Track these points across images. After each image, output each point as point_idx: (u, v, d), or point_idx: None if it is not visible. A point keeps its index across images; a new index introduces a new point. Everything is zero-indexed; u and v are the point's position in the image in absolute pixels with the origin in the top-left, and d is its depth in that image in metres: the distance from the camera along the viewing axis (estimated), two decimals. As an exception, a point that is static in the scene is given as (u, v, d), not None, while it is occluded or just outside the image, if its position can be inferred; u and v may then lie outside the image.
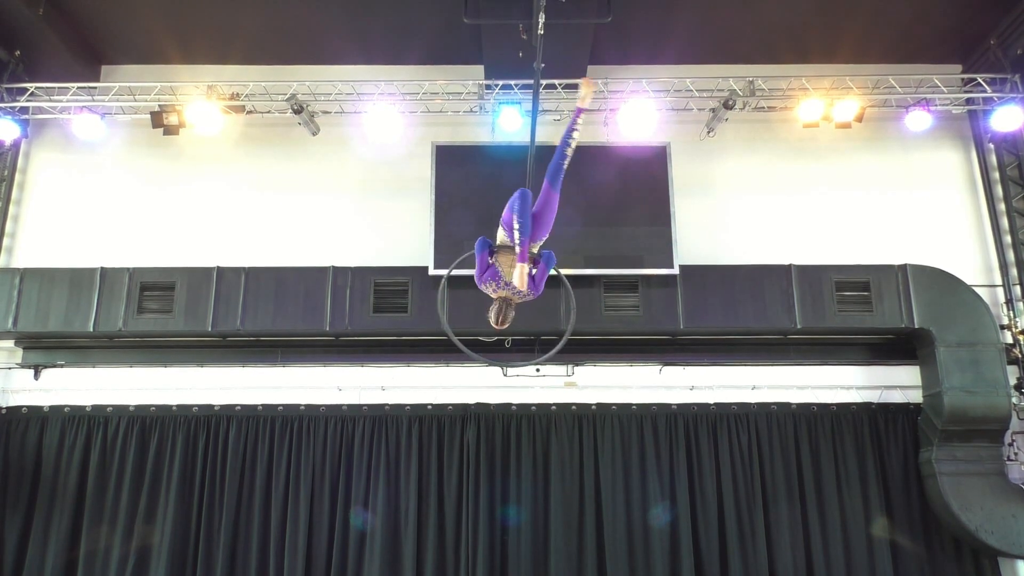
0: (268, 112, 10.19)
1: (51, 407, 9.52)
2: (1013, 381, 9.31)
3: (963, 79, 10.35)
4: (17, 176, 10.35)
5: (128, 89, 10.09)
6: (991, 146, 10.44)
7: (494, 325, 5.81)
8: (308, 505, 9.10)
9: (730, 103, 9.87)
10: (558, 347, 5.84)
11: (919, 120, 9.94)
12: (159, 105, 9.94)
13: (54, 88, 10.04)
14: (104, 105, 10.05)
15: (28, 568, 8.92)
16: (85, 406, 9.51)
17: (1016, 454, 9.28)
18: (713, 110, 10.11)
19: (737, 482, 9.23)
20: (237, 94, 10.03)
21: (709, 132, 10.29)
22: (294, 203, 10.25)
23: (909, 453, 9.39)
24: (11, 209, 10.22)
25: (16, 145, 10.34)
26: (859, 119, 9.97)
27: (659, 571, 8.86)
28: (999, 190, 10.32)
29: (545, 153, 6.34)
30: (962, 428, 8.98)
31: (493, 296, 5.83)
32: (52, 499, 9.14)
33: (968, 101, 10.21)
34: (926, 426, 9.27)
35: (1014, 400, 9.15)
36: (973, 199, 10.37)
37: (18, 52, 9.95)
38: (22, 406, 9.55)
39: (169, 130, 9.95)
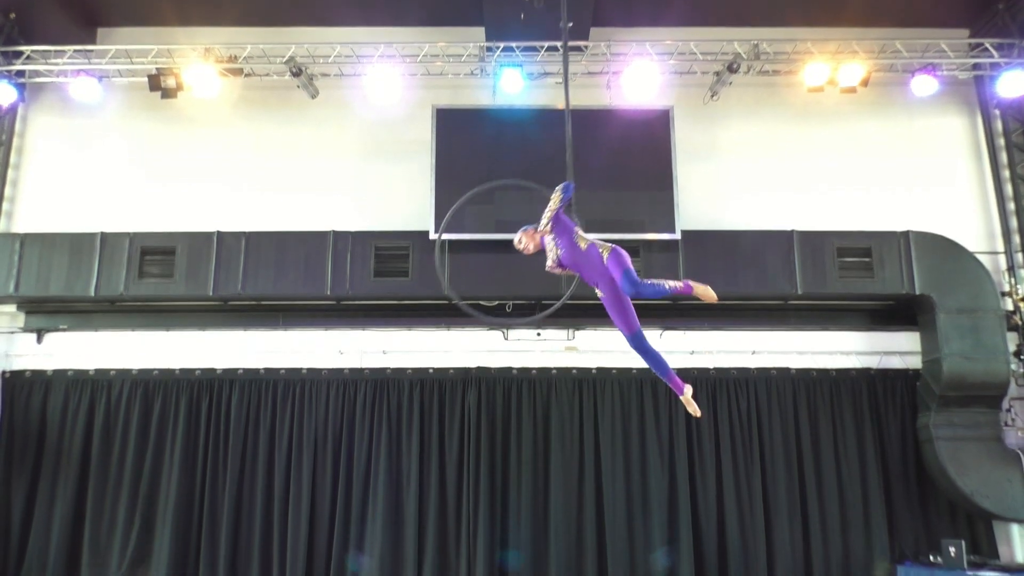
0: (266, 75, 10.09)
1: (54, 371, 9.58)
2: (1013, 348, 9.34)
3: (970, 44, 10.22)
4: (15, 140, 10.29)
5: (125, 52, 9.98)
6: (997, 112, 10.33)
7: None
8: (311, 467, 9.21)
9: (734, 66, 9.77)
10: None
11: (925, 85, 9.84)
12: (156, 68, 9.82)
13: (50, 51, 9.93)
14: (101, 68, 9.94)
15: (35, 530, 9.05)
16: (88, 370, 9.57)
17: (1013, 420, 9.35)
18: (717, 73, 10.01)
19: (735, 445, 9.31)
20: (235, 56, 9.92)
21: (713, 96, 10.19)
22: (293, 166, 10.19)
23: (907, 418, 9.46)
24: (10, 174, 10.17)
25: (13, 109, 10.25)
26: (864, 84, 9.87)
27: (657, 533, 8.99)
28: (1004, 156, 10.24)
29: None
30: (960, 394, 9.03)
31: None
32: (57, 462, 9.23)
33: (975, 66, 10.10)
34: (924, 392, 9.32)
35: (1013, 367, 9.19)
36: (977, 165, 10.30)
37: (12, 15, 9.83)
38: (25, 370, 9.60)
39: (167, 93, 9.84)
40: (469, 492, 9.10)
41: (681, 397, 5.71)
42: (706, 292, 5.25)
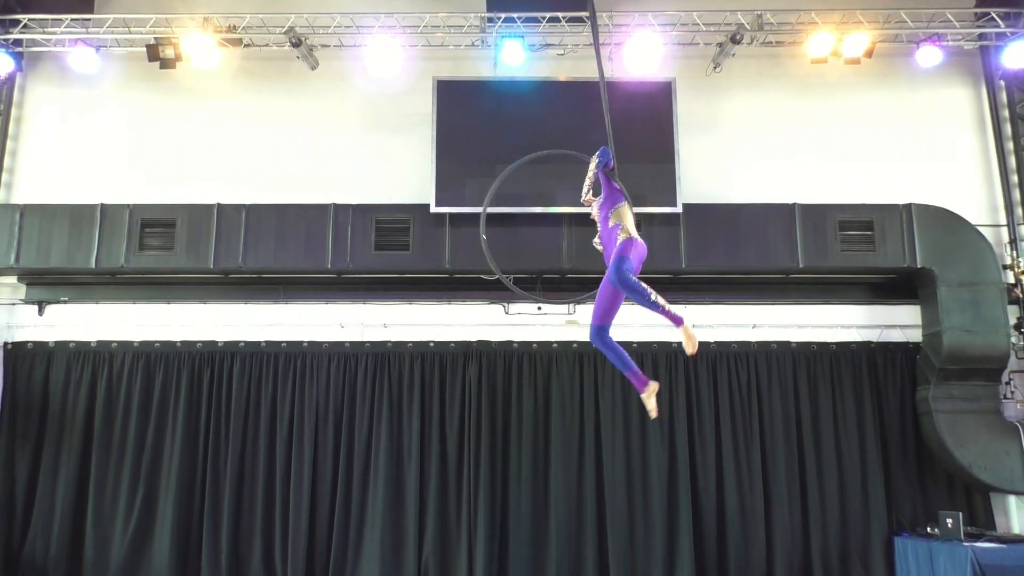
0: (266, 45, 10.00)
1: (56, 343, 9.61)
2: (1013, 321, 9.34)
3: (976, 14, 10.10)
4: (13, 111, 10.23)
5: (123, 21, 9.88)
6: (1002, 83, 10.25)
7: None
8: (312, 439, 9.26)
9: (738, 38, 9.67)
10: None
11: (930, 56, 9.75)
12: (155, 38, 9.74)
13: (47, 20, 9.84)
14: (99, 38, 9.85)
15: (39, 501, 9.12)
16: (90, 342, 9.60)
17: (1013, 393, 9.38)
18: (720, 45, 9.91)
19: (735, 419, 9.35)
20: (234, 26, 9.82)
21: (716, 68, 10.11)
22: (294, 138, 10.14)
23: (906, 391, 9.49)
24: (8, 144, 10.12)
25: (11, 79, 10.18)
26: (868, 54, 9.78)
27: (657, 506, 9.06)
28: (1008, 128, 10.18)
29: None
30: (960, 367, 9.05)
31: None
32: (60, 434, 9.28)
33: (980, 36, 10.00)
34: (924, 365, 9.34)
35: (1013, 340, 9.20)
36: (981, 137, 10.23)
37: (9, -18, 9.74)
38: (27, 341, 9.63)
39: (166, 64, 9.77)
40: (470, 465, 9.16)
41: (641, 395, 5.51)
42: (690, 340, 5.00)
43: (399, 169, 9.89)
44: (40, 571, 8.92)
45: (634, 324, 9.51)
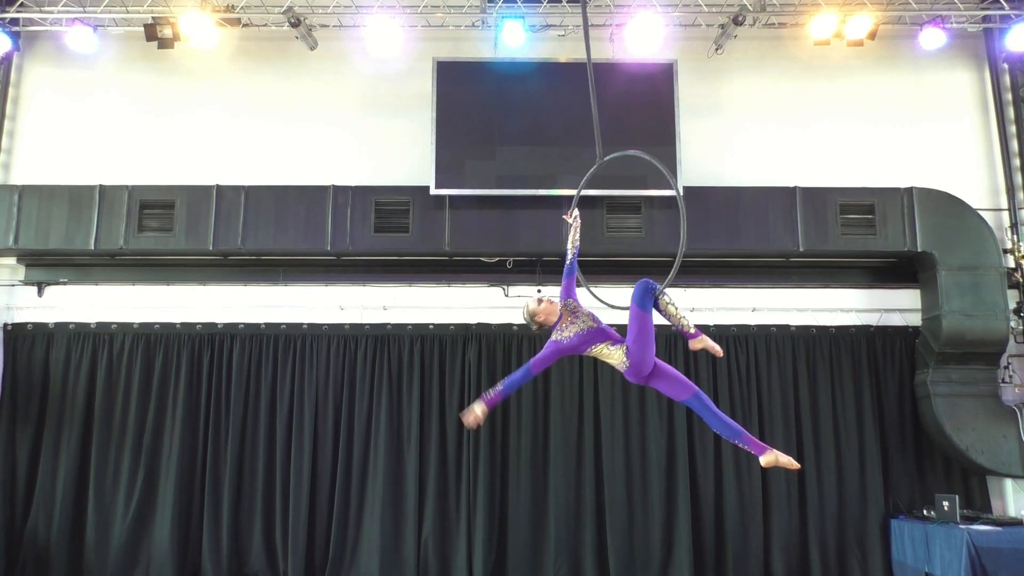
0: (264, 25, 9.92)
1: (56, 324, 9.60)
2: (1013, 305, 9.34)
3: (981, -5, 10.05)
4: (11, 91, 10.16)
5: (121, 0, 9.79)
6: (1005, 66, 10.19)
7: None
8: (312, 422, 9.29)
9: (740, 19, 9.59)
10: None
11: (933, 38, 9.68)
12: (152, 17, 9.66)
13: (44, -1, 9.77)
14: (97, 17, 9.77)
15: (40, 482, 9.16)
16: (90, 323, 9.59)
17: (1011, 377, 9.39)
18: (722, 26, 9.83)
19: (734, 402, 9.37)
20: (232, 6, 9.74)
21: (717, 49, 10.03)
22: (293, 119, 10.08)
23: (905, 375, 9.51)
24: (6, 125, 10.07)
25: (8, 59, 10.10)
26: (872, 37, 9.70)
27: (655, 489, 9.10)
28: (1011, 112, 10.12)
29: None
30: (959, 351, 9.05)
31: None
32: (61, 415, 9.31)
33: (984, 19, 9.92)
34: (923, 349, 9.35)
35: (1012, 324, 9.21)
36: (984, 120, 10.17)
37: (5, -40, 9.65)
38: (27, 323, 9.63)
39: (164, 43, 9.69)
40: (469, 448, 9.19)
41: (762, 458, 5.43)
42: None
43: (399, 150, 9.85)
44: (42, 552, 8.97)
45: (634, 307, 9.52)
